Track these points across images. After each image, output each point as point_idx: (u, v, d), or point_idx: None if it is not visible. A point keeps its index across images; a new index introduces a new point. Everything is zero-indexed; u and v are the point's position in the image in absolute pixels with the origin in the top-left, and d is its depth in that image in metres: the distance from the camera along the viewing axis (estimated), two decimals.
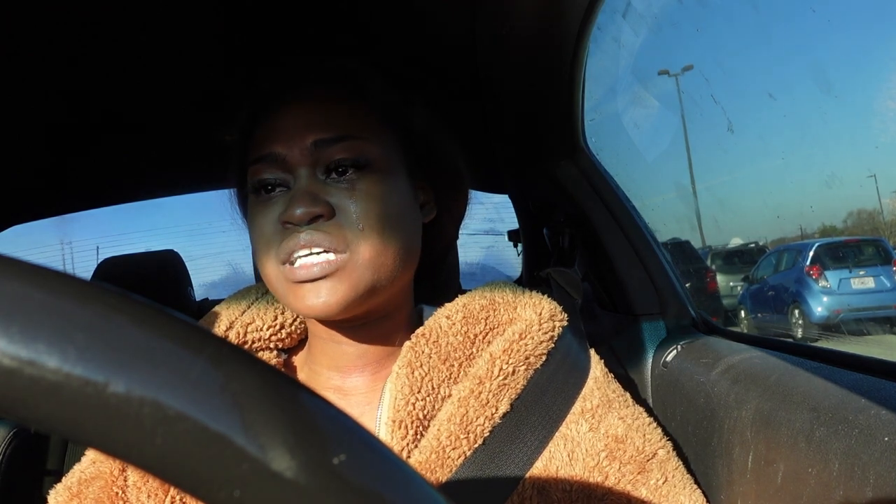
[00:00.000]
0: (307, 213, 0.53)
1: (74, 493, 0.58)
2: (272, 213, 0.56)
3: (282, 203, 0.56)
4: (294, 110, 0.58)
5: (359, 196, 0.55)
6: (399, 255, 0.56)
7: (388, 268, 0.56)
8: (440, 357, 0.59)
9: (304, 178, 0.56)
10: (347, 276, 0.54)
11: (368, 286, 0.55)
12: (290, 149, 0.56)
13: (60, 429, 0.15)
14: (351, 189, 0.55)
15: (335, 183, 0.56)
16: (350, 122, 0.58)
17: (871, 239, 6.87)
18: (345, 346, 0.60)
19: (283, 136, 0.57)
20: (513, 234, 1.57)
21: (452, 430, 0.56)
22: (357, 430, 0.16)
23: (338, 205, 0.55)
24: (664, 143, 14.13)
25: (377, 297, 0.57)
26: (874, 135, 27.70)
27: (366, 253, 0.54)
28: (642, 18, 1.47)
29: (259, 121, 0.60)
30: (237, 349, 0.16)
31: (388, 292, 0.58)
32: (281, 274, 0.55)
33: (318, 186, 0.55)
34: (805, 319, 6.66)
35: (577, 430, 0.60)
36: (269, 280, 0.57)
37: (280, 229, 0.55)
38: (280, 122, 0.58)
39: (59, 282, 0.15)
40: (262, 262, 0.57)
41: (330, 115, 0.57)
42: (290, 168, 0.57)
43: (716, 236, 12.91)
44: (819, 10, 34.97)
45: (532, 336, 0.61)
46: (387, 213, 0.56)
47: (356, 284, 0.54)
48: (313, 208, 0.53)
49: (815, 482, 0.49)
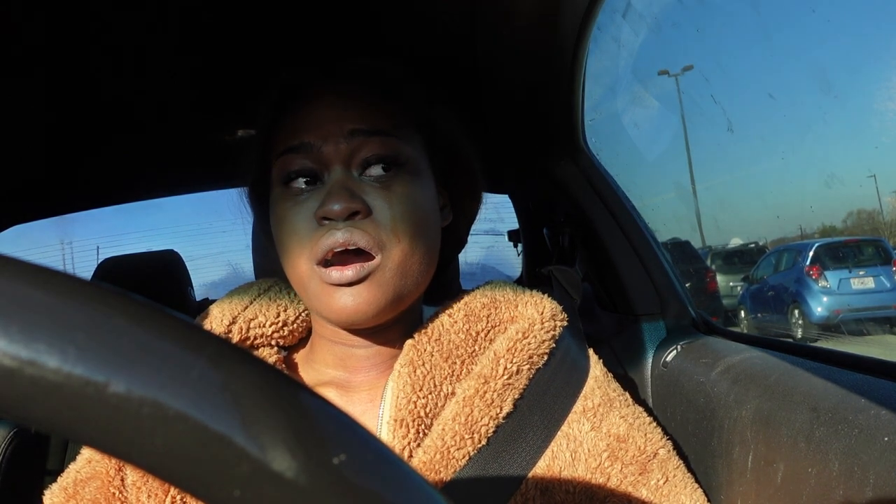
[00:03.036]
0: (346, 208, 0.52)
1: (70, 493, 0.57)
2: (305, 209, 0.54)
3: (315, 198, 0.54)
4: (329, 101, 0.57)
5: (393, 197, 0.54)
6: (424, 261, 0.56)
7: (414, 273, 0.55)
8: (442, 355, 0.59)
9: (339, 172, 0.54)
10: (378, 282, 0.53)
11: (397, 292, 0.54)
12: (325, 139, 0.55)
13: (61, 429, 0.15)
14: (386, 189, 0.54)
15: (369, 181, 0.55)
16: (385, 120, 0.57)
17: (871, 239, 6.87)
18: (353, 349, 0.59)
19: (317, 125, 0.55)
20: (513, 234, 1.57)
21: (457, 430, 0.55)
22: (357, 429, 0.16)
23: (373, 204, 0.53)
24: (664, 143, 14.14)
25: (403, 304, 0.56)
26: (874, 135, 27.71)
27: (396, 257, 0.53)
28: (642, 18, 1.48)
29: (288, 112, 0.59)
30: (237, 349, 0.16)
31: (410, 300, 0.57)
32: (315, 274, 0.53)
33: (353, 183, 0.54)
34: (805, 319, 6.67)
35: (579, 429, 0.60)
36: (301, 278, 0.55)
37: (314, 226, 0.53)
38: (313, 112, 0.56)
39: (60, 282, 0.15)
40: (292, 260, 0.55)
41: (365, 111, 0.56)
42: (323, 161, 0.55)
43: (716, 236, 12.92)
44: (819, 11, 34.97)
45: (535, 335, 0.61)
46: (417, 216, 0.55)
47: (386, 290, 0.53)
48: (352, 204, 0.52)
49: (815, 482, 0.49)
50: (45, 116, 1.03)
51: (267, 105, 0.61)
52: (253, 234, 0.83)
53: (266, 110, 0.61)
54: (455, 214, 0.66)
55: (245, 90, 1.01)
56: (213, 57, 0.92)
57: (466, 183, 0.66)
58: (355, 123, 0.55)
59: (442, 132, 0.63)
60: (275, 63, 0.91)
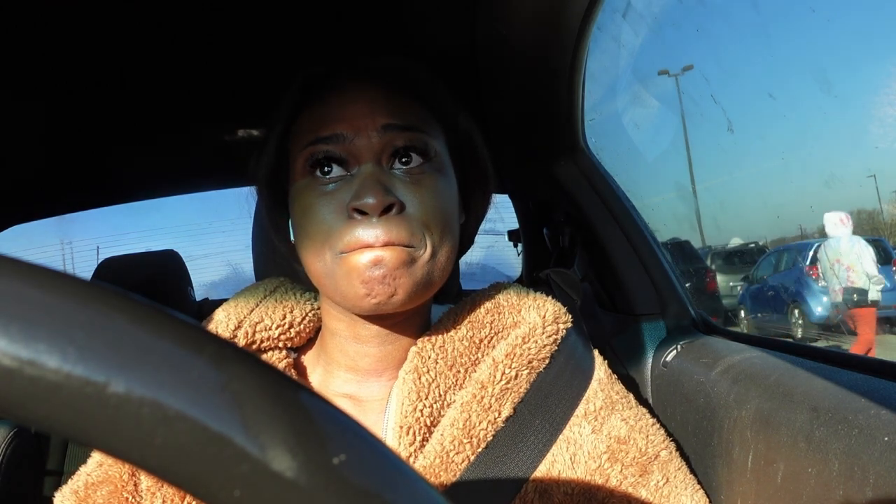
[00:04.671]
0: (382, 202, 0.51)
1: (82, 497, 0.56)
2: (334, 201, 0.53)
3: (345, 190, 0.53)
4: (359, 94, 0.56)
5: (424, 192, 0.54)
6: (450, 254, 0.56)
7: (442, 265, 0.55)
8: (447, 363, 0.58)
9: (370, 166, 0.54)
10: (410, 271, 0.52)
11: (427, 281, 0.54)
12: (358, 132, 0.54)
13: (60, 429, 0.15)
14: (415, 184, 0.54)
15: (400, 175, 0.54)
16: (415, 115, 0.57)
17: (871, 239, 6.87)
18: (367, 346, 0.59)
19: (350, 117, 0.54)
20: (513, 234, 1.57)
21: (456, 434, 0.55)
22: (357, 430, 0.16)
23: (404, 199, 0.53)
24: (664, 143, 14.15)
25: (429, 293, 0.56)
26: (874, 135, 27.72)
27: (428, 250, 0.53)
28: (642, 18, 1.48)
29: (311, 104, 0.58)
30: (238, 349, 0.16)
31: (434, 290, 0.57)
32: (341, 261, 0.52)
33: (384, 176, 0.53)
34: (805, 319, 6.67)
35: (579, 432, 0.59)
36: (324, 266, 0.54)
37: (345, 218, 0.52)
38: (345, 104, 0.56)
39: (60, 282, 0.15)
40: (317, 249, 0.54)
41: (396, 105, 0.56)
42: (355, 153, 0.54)
43: (716, 236, 12.92)
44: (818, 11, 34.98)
45: (535, 340, 0.60)
46: (446, 211, 0.55)
47: (417, 279, 0.53)
48: (387, 198, 0.51)
49: (815, 482, 0.49)
50: (45, 117, 1.03)
51: (289, 97, 0.60)
52: (253, 234, 0.83)
53: (289, 101, 0.60)
54: (467, 213, 0.66)
55: (245, 90, 1.01)
56: (213, 57, 0.92)
57: (481, 183, 0.66)
58: (388, 118, 0.54)
59: (463, 132, 0.63)
60: (275, 63, 0.91)
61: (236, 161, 0.69)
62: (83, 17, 0.77)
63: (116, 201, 1.48)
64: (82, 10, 0.75)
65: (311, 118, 0.57)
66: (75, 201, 1.44)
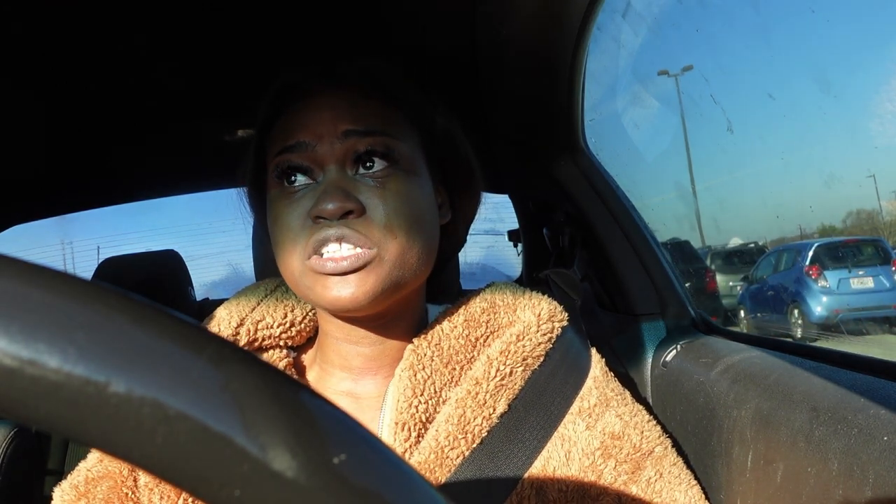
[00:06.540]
0: (340, 207, 0.52)
1: (82, 492, 0.57)
2: (299, 208, 0.55)
3: (310, 197, 0.55)
4: (324, 101, 0.57)
5: (388, 195, 0.54)
6: (421, 255, 0.56)
7: (412, 266, 0.56)
8: (443, 360, 0.59)
9: (333, 171, 0.55)
10: (375, 271, 0.53)
11: (394, 282, 0.54)
12: (320, 138, 0.55)
13: (61, 428, 0.15)
14: (380, 188, 0.55)
15: (364, 179, 0.55)
16: (380, 119, 0.57)
17: (871, 239, 6.87)
18: (359, 346, 0.60)
19: (312, 125, 0.56)
20: (513, 234, 1.57)
21: (450, 430, 0.56)
22: (357, 429, 0.16)
23: (367, 203, 0.54)
24: (664, 143, 14.15)
25: (400, 293, 0.56)
26: (874, 135, 27.73)
27: (393, 251, 0.54)
28: (642, 18, 1.48)
29: (284, 112, 0.59)
30: (238, 349, 0.16)
31: (408, 290, 0.58)
32: (307, 267, 0.54)
33: (347, 182, 0.55)
34: (804, 319, 6.66)
35: (574, 429, 0.60)
36: (293, 273, 0.56)
37: (308, 224, 0.54)
38: (309, 113, 0.57)
39: (60, 281, 0.15)
40: (286, 257, 0.56)
41: (360, 110, 0.57)
42: (318, 160, 0.55)
43: (715, 236, 12.92)
44: (818, 11, 34.98)
45: (530, 338, 0.61)
46: (413, 213, 0.56)
47: (383, 279, 0.53)
48: (346, 203, 0.52)
49: (815, 481, 0.49)
50: (45, 117, 1.03)
51: (264, 105, 0.62)
52: (253, 234, 0.83)
53: (263, 110, 0.62)
54: (454, 213, 0.66)
55: (245, 90, 1.01)
56: (213, 57, 0.92)
57: (464, 181, 0.67)
58: (349, 124, 0.55)
59: (440, 131, 0.63)
60: (275, 63, 0.91)
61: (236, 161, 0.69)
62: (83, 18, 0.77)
63: (117, 201, 1.48)
64: (82, 11, 0.75)
65: (281, 126, 0.58)
66: (75, 201, 1.44)
